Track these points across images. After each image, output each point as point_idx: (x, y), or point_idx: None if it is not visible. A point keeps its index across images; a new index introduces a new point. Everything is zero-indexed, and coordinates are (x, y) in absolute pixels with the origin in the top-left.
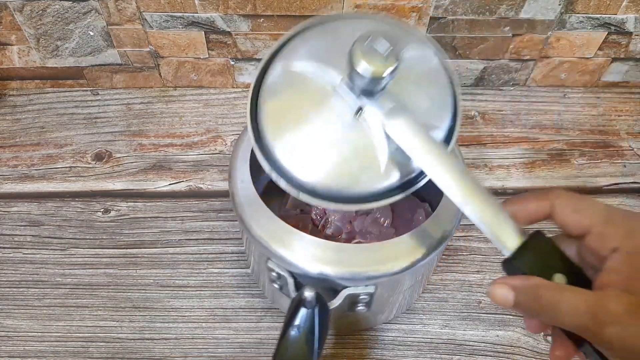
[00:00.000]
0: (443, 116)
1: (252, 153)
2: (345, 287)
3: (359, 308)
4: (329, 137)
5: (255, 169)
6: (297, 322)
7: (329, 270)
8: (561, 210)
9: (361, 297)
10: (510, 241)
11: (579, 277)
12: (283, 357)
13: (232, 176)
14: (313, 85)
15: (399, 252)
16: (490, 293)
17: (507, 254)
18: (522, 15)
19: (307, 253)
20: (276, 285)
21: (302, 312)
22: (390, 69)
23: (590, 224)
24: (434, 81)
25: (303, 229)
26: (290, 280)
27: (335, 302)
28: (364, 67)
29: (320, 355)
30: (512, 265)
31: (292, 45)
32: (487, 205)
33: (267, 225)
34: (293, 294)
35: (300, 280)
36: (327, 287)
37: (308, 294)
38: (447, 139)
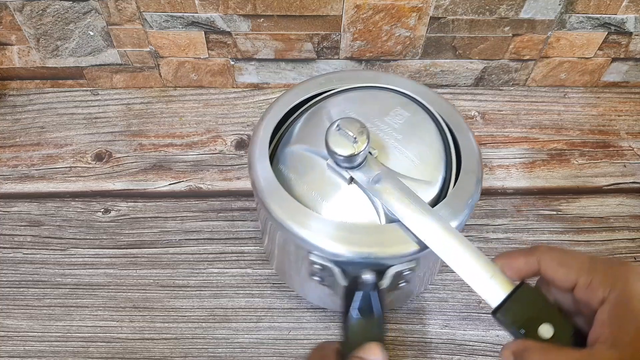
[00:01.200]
0: (434, 170)
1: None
2: (390, 266)
3: (401, 284)
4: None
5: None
6: (356, 305)
7: (377, 252)
8: (548, 265)
9: (404, 273)
10: (495, 293)
11: (567, 326)
12: (354, 340)
13: (253, 169)
14: (312, 161)
15: None
16: None
17: (493, 305)
18: (522, 15)
19: (350, 239)
20: (316, 278)
21: (358, 295)
22: (362, 147)
23: (577, 277)
24: (424, 136)
25: None
26: (337, 270)
27: (385, 282)
28: (339, 152)
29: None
30: (499, 316)
31: (293, 131)
32: (473, 259)
33: (304, 221)
34: (343, 282)
35: (344, 267)
36: (372, 269)
37: (368, 276)
38: (444, 188)
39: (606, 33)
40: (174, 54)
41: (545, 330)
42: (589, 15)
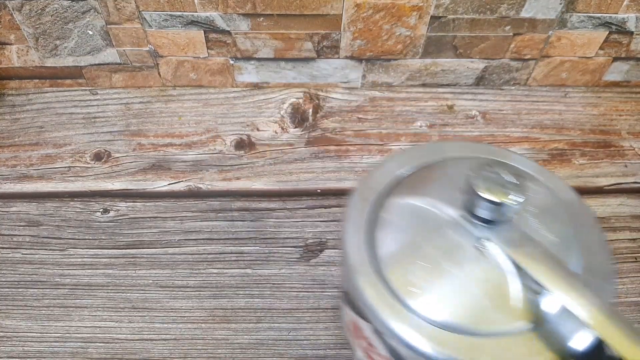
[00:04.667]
0: (572, 254)
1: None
2: None
3: None
4: (455, 274)
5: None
6: None
7: None
8: None
9: None
10: None
11: None
12: None
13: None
14: (430, 221)
15: None
16: None
17: None
18: (523, 14)
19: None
20: None
21: None
22: (515, 197)
23: None
24: (561, 218)
25: None
26: None
27: None
28: (488, 197)
29: None
30: None
31: (402, 183)
32: (633, 340)
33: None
34: None
35: None
36: None
37: None
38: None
39: (607, 32)
40: (173, 53)
41: None
42: (590, 14)
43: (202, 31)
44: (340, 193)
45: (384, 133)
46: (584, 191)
